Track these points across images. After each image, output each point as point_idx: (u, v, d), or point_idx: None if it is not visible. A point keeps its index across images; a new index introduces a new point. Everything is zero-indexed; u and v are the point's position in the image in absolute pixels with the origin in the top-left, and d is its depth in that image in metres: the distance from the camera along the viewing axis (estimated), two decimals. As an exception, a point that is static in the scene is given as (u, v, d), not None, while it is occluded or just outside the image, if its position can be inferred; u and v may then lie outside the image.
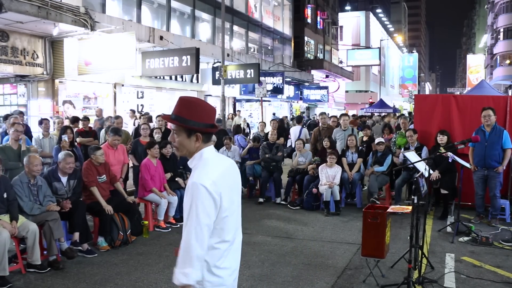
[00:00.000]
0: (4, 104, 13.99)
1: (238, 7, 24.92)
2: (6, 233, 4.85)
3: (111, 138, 7.22)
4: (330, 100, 36.51)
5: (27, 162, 5.51)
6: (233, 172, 2.34)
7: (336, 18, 44.65)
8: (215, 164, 2.21)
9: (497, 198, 7.11)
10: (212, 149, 2.27)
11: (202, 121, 2.21)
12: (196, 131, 2.19)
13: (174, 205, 7.34)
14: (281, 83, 23.65)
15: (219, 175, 2.16)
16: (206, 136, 2.23)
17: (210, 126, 2.24)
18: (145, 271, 5.27)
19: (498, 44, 47.86)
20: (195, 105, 2.23)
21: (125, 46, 12.63)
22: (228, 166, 2.31)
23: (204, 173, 2.13)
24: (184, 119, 2.19)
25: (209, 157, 2.22)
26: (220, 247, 2.16)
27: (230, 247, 2.22)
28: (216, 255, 2.15)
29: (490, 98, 8.78)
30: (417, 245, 4.64)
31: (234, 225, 2.27)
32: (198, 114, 2.20)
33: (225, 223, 2.16)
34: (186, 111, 2.20)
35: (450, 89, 65.63)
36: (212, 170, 2.15)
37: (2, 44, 11.77)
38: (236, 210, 2.29)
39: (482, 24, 75.57)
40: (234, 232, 2.26)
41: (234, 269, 2.28)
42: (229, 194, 2.19)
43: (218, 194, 2.10)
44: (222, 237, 2.17)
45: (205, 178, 2.09)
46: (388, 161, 8.58)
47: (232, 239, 2.23)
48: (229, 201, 2.19)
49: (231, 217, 2.20)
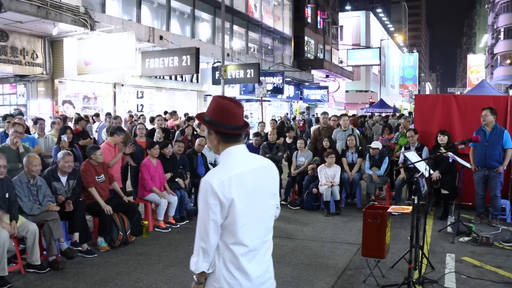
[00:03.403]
0: (3, 104, 13.99)
1: (238, 7, 24.92)
2: (5, 233, 4.83)
3: (120, 137, 7.19)
4: (330, 100, 36.52)
5: (27, 162, 5.50)
6: (261, 175, 2.25)
7: (336, 17, 44.65)
8: (235, 164, 2.16)
9: (498, 198, 7.09)
10: (239, 149, 2.22)
11: (217, 120, 2.20)
12: (211, 129, 2.22)
13: (174, 205, 7.32)
14: (281, 83, 23.65)
15: (234, 176, 2.11)
16: (223, 136, 2.21)
17: (224, 126, 2.19)
18: (145, 271, 5.26)
19: (499, 44, 47.86)
20: (217, 104, 2.23)
21: (124, 46, 12.64)
22: (255, 168, 2.23)
23: (216, 171, 2.13)
24: (204, 116, 2.26)
25: (232, 156, 2.19)
26: (235, 249, 2.12)
27: (250, 253, 2.15)
28: (232, 256, 2.12)
29: (490, 98, 8.77)
30: (417, 245, 4.62)
31: (257, 232, 2.19)
32: (216, 113, 2.21)
33: (242, 233, 2.12)
34: (208, 109, 2.26)
35: (451, 89, 65.77)
36: (226, 170, 2.12)
37: (1, 44, 11.77)
38: (261, 216, 2.21)
39: (483, 24, 75.54)
40: (257, 239, 2.18)
41: (257, 276, 2.18)
42: (247, 198, 2.13)
43: (225, 196, 2.06)
44: (239, 240, 2.12)
45: (215, 177, 2.09)
46: (385, 164, 8.57)
47: (253, 246, 2.16)
48: (247, 205, 2.13)
49: (251, 224, 2.14)
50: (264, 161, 2.33)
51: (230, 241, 2.12)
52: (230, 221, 2.10)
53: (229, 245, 2.12)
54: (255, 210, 2.18)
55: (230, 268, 2.12)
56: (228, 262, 2.13)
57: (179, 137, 9.92)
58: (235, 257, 2.12)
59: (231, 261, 2.13)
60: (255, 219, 2.18)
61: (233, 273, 2.13)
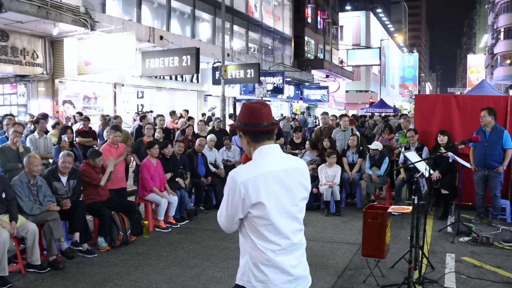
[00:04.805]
0: (4, 104, 13.99)
1: (238, 7, 24.90)
2: (5, 233, 4.84)
3: (113, 135, 7.16)
4: (330, 100, 36.53)
5: (27, 162, 5.51)
6: (293, 175, 2.24)
7: (336, 18, 44.64)
8: (265, 163, 2.18)
9: (498, 198, 7.10)
10: (271, 149, 2.26)
11: (247, 121, 2.27)
12: (240, 130, 2.31)
13: (174, 205, 7.32)
14: (281, 83, 23.65)
15: (262, 175, 2.13)
16: (251, 135, 2.26)
17: (253, 126, 2.25)
18: (145, 271, 5.26)
19: (499, 44, 47.85)
20: (245, 107, 2.33)
21: (125, 46, 12.63)
22: (287, 169, 2.23)
23: (244, 168, 2.17)
24: (236, 122, 2.36)
25: (263, 155, 2.22)
26: (263, 247, 2.14)
27: (278, 249, 2.16)
28: (260, 253, 2.15)
29: (490, 98, 8.76)
30: (417, 245, 4.63)
31: (284, 230, 2.18)
32: (245, 116, 2.29)
33: (269, 231, 2.14)
34: (239, 115, 2.34)
35: (451, 89, 65.74)
36: (254, 168, 2.16)
37: (2, 44, 11.76)
38: (290, 215, 2.21)
39: (483, 24, 75.55)
40: (283, 236, 2.18)
41: (286, 270, 2.17)
42: (276, 197, 2.14)
43: (249, 194, 2.09)
44: (267, 238, 2.14)
45: (242, 173, 2.13)
46: (385, 164, 8.57)
47: (282, 243, 2.17)
48: (275, 205, 2.14)
49: (276, 224, 2.15)
50: (298, 162, 2.33)
51: (257, 238, 2.15)
52: (255, 219, 2.13)
53: (258, 243, 2.14)
54: (283, 210, 2.18)
55: (259, 265, 2.14)
56: (257, 261, 2.15)
57: (179, 137, 9.93)
58: (264, 254, 2.14)
59: (258, 258, 2.14)
60: (283, 218, 2.18)
61: (262, 269, 2.14)
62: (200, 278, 5.05)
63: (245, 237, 2.21)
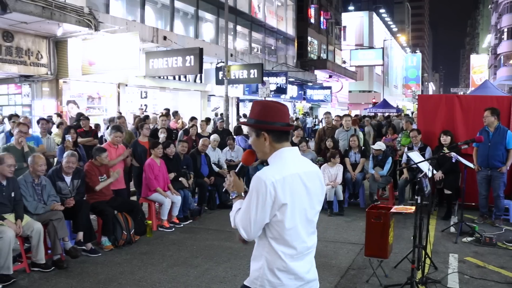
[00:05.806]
0: (8, 104, 14.06)
1: (241, 7, 24.93)
2: (11, 232, 4.88)
3: (113, 135, 7.19)
4: (333, 100, 36.49)
5: (32, 162, 5.55)
6: (312, 179, 2.19)
7: (339, 18, 44.59)
8: (287, 165, 2.11)
9: (501, 198, 7.09)
10: (292, 151, 2.19)
11: (266, 119, 2.15)
12: (261, 129, 2.16)
13: (178, 205, 7.35)
14: (284, 83, 23.66)
15: (289, 176, 2.07)
16: (274, 135, 2.16)
17: (274, 124, 2.15)
18: (148, 271, 5.29)
19: (502, 44, 47.70)
20: (262, 105, 2.21)
21: (128, 46, 12.68)
22: (306, 172, 2.17)
23: (270, 170, 2.08)
24: (250, 119, 2.21)
25: (285, 157, 2.15)
26: (282, 251, 2.10)
27: (295, 253, 2.13)
28: (277, 259, 2.11)
29: (493, 98, 8.75)
30: (420, 245, 4.63)
31: (302, 234, 2.15)
32: (264, 113, 2.17)
33: (290, 235, 2.10)
34: (253, 111, 2.21)
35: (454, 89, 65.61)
36: (280, 170, 2.08)
37: (6, 44, 11.82)
38: (308, 220, 2.18)
39: (486, 24, 75.25)
40: (303, 243, 2.15)
41: (300, 276, 2.15)
42: (297, 201, 2.10)
43: (278, 196, 2.02)
44: (286, 243, 2.10)
45: (269, 175, 2.04)
46: (388, 164, 8.57)
47: (299, 247, 2.13)
48: (296, 208, 2.10)
49: (297, 227, 2.11)
50: (313, 166, 2.28)
51: (277, 243, 2.10)
52: (279, 223, 2.07)
53: (275, 247, 2.10)
54: (303, 213, 2.14)
55: (275, 271, 2.10)
56: (273, 266, 2.10)
57: (182, 137, 9.94)
58: (281, 259, 2.09)
59: (275, 263, 2.10)
60: (303, 222, 2.15)
61: (278, 275, 2.10)
62: (203, 277, 5.07)
63: (262, 241, 2.15)
